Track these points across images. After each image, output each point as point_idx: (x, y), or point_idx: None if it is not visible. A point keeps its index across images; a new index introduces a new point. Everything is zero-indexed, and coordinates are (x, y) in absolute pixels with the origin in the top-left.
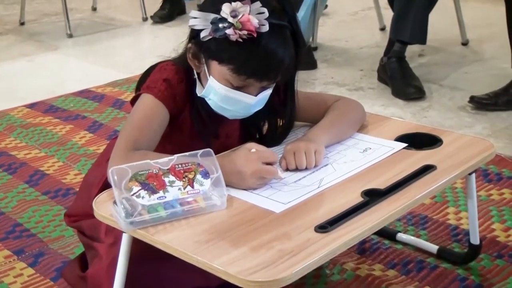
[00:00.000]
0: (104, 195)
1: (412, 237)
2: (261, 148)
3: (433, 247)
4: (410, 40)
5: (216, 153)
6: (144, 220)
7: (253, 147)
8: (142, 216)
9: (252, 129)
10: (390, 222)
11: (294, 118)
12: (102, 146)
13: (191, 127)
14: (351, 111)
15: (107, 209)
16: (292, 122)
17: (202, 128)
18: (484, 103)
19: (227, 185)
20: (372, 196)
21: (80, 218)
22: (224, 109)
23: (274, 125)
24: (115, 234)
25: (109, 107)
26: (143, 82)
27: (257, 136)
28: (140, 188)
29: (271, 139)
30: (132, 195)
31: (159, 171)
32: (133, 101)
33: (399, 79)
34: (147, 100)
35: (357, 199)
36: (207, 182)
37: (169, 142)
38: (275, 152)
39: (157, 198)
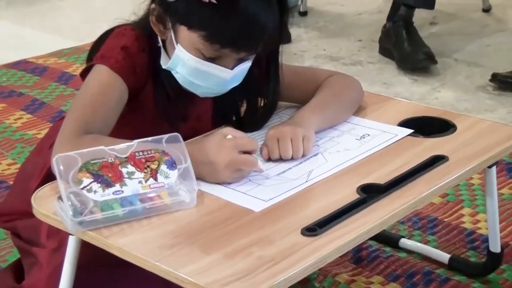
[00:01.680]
0: (46, 188)
1: (419, 244)
2: (238, 133)
3: (444, 256)
4: (415, 4)
5: (184, 138)
6: (96, 219)
7: (228, 133)
8: (94, 215)
9: (227, 110)
10: (392, 224)
11: (278, 97)
12: (44, 130)
13: (154, 107)
14: (346, 89)
15: (49, 206)
16: (276, 101)
17: (168, 108)
18: (509, 82)
19: (197, 178)
20: (371, 193)
21: (15, 217)
22: (194, 84)
23: (254, 106)
24: (60, 237)
25: (53, 82)
26: (96, 51)
27: (234, 119)
28: (91, 180)
29: (251, 123)
30: (82, 189)
31: (115, 160)
32: (84, 74)
33: (406, 44)
34: (101, 73)
35: (352, 196)
36: (174, 174)
37: (128, 125)
38: (255, 139)
39: (113, 193)
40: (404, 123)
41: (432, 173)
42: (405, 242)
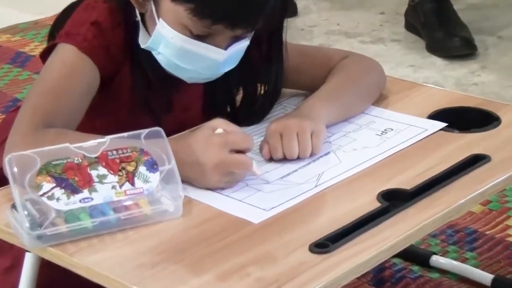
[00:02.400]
0: None
1: (455, 262)
2: (230, 127)
3: (486, 276)
4: None
5: (168, 133)
6: (60, 233)
7: (218, 126)
8: (57, 227)
9: (220, 99)
10: (421, 238)
11: (281, 83)
12: None
13: (131, 95)
14: (365, 73)
15: (1, 216)
16: (279, 89)
17: (148, 96)
18: None
19: (184, 182)
20: (394, 200)
21: None
22: (180, 68)
23: (252, 94)
24: (14, 254)
25: (5, 64)
26: (60, 27)
27: (228, 110)
28: (53, 185)
29: (248, 114)
30: (42, 195)
31: (83, 161)
32: (45, 55)
33: (438, 26)
34: (67, 53)
35: (371, 204)
36: (155, 178)
37: (99, 117)
38: (250, 135)
39: (80, 201)
40: (436, 115)
41: (470, 176)
42: (437, 259)
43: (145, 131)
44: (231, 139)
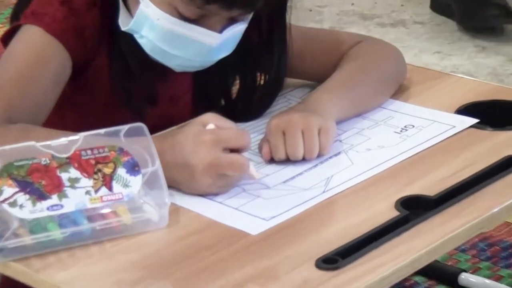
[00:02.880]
0: None
1: (487, 280)
2: (223, 123)
3: None
4: None
5: (152, 130)
6: (24, 245)
7: (209, 121)
8: (20, 239)
9: (214, 91)
10: (448, 253)
11: (284, 72)
12: None
13: (109, 85)
14: (382, 61)
15: None
16: (282, 78)
17: (129, 87)
18: None
19: (170, 187)
20: (416, 209)
21: None
22: (167, 54)
23: (250, 84)
24: None
25: None
26: (26, 6)
27: (223, 103)
28: (16, 190)
29: (246, 108)
30: (2, 202)
31: (51, 161)
32: (7, 39)
33: None
34: (32, 37)
35: (389, 213)
36: (136, 182)
37: (71, 111)
38: (246, 131)
39: (48, 208)
40: (466, 110)
41: (505, 181)
42: (467, 278)
43: (125, 128)
44: (224, 136)
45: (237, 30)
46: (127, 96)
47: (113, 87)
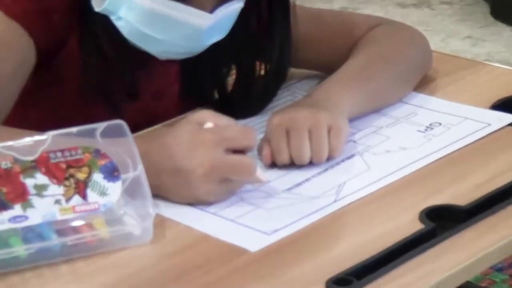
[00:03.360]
0: None
1: None
2: (223, 120)
3: None
4: None
5: (132, 129)
6: None
7: (206, 119)
8: None
9: (204, 82)
10: (482, 273)
11: (288, 61)
12: None
13: (81, 77)
14: (403, 48)
15: None
16: (285, 68)
17: (105, 78)
18: None
19: (155, 196)
20: (443, 221)
21: None
22: (149, 38)
23: (249, 75)
24: None
25: None
26: None
27: (216, 97)
28: None
29: (244, 102)
30: None
31: (13, 165)
32: None
33: None
34: None
35: (412, 225)
36: (115, 189)
37: (36, 106)
38: (252, 128)
39: (9, 220)
40: (502, 105)
41: None
42: None
43: (101, 126)
44: (228, 135)
45: (232, 10)
46: (103, 89)
47: (86, 79)
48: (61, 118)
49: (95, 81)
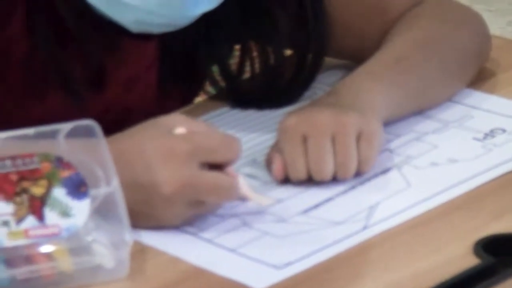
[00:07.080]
0: None
1: None
2: (197, 126)
3: None
4: None
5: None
6: None
7: (177, 124)
8: None
9: (197, 65)
10: None
11: (326, 39)
12: None
13: (30, 60)
14: (452, 33)
15: None
16: (323, 50)
17: (63, 60)
18: None
19: (133, 217)
20: (506, 255)
21: None
22: (119, 4)
23: (264, 61)
24: None
25: None
26: None
27: (210, 89)
28: None
29: (262, 94)
30: None
31: None
32: None
33: None
34: None
35: (465, 259)
36: (82, 209)
37: None
38: (235, 138)
39: None
40: None
41: None
42: None
43: (66, 127)
44: (205, 145)
45: None
46: (58, 76)
47: (39, 62)
48: (8, 117)
49: (53, 65)
